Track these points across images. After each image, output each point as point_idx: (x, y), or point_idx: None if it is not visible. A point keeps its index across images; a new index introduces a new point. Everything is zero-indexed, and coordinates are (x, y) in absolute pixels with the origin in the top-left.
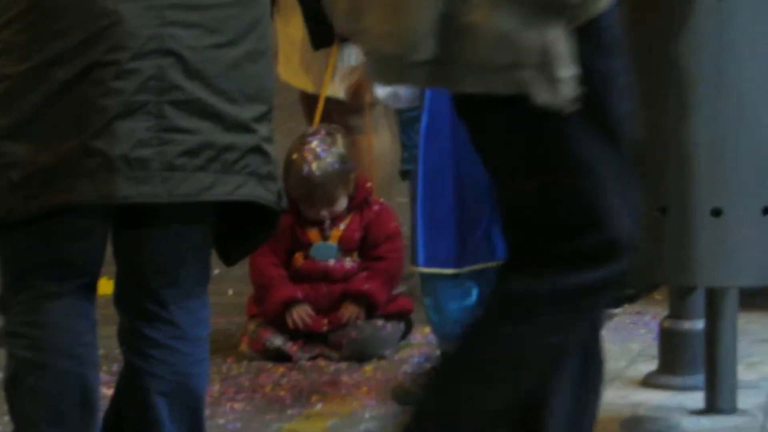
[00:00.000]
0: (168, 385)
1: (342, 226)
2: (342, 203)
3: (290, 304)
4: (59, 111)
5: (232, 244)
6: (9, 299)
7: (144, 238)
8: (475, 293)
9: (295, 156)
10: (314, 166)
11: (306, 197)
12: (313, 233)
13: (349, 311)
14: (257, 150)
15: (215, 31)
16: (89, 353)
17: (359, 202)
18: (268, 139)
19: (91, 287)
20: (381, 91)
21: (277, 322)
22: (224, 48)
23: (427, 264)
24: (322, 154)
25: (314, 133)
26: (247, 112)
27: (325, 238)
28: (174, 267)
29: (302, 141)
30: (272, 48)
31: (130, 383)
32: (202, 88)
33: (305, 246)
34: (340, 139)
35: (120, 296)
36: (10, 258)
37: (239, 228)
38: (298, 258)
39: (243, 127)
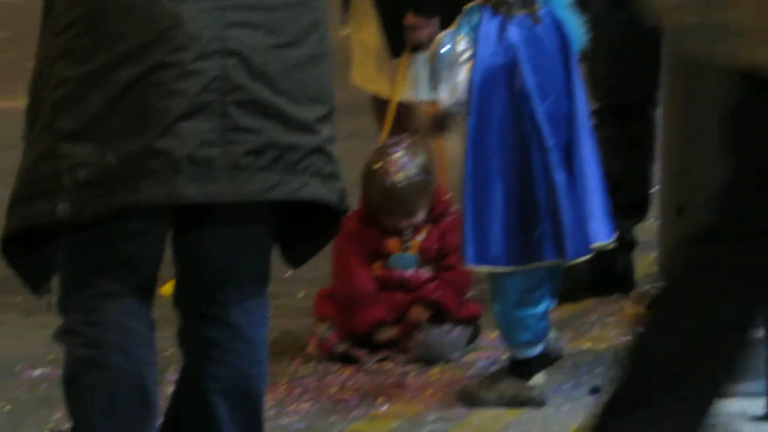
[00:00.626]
0: (227, 385)
1: (420, 237)
2: (422, 214)
3: (379, 326)
4: (122, 112)
5: (296, 246)
6: (68, 298)
7: (203, 239)
8: (546, 302)
9: (377, 166)
10: (397, 177)
11: (386, 208)
12: (392, 243)
13: (416, 312)
14: (320, 150)
15: (276, 32)
16: (146, 352)
17: (438, 214)
18: (331, 140)
19: (149, 288)
20: (447, 99)
21: (344, 328)
22: (286, 49)
23: (476, 262)
24: (405, 165)
25: (397, 144)
26: (309, 113)
27: (404, 248)
28: (233, 268)
29: (385, 151)
30: (333, 51)
31: (189, 384)
32: (266, 88)
33: (384, 256)
34: (422, 149)
35: (179, 297)
36: (72, 258)
37: (303, 230)
38: (377, 267)
39: (306, 128)
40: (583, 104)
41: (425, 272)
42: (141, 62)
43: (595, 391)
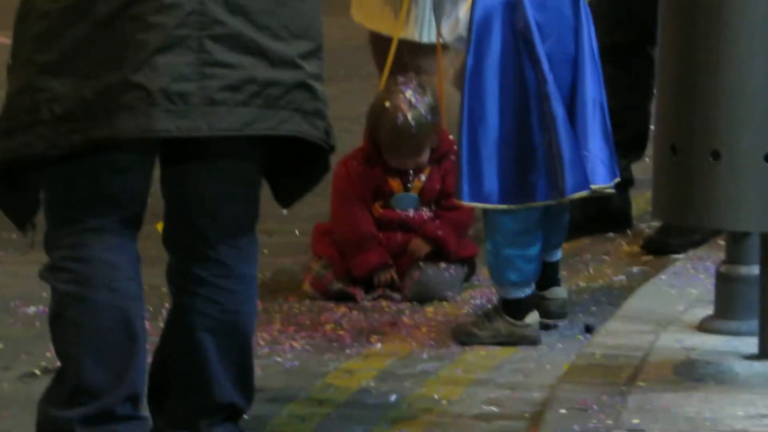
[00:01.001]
0: (215, 322)
1: (423, 177)
2: (427, 154)
3: (379, 268)
4: (100, 46)
5: (284, 185)
6: (53, 235)
7: (188, 175)
8: (538, 245)
9: (388, 104)
10: (410, 116)
11: (395, 146)
12: (395, 183)
13: (416, 245)
14: (303, 86)
15: None
16: (131, 287)
17: (441, 155)
18: (316, 76)
19: (135, 223)
20: (449, 35)
21: (341, 266)
22: None
23: (471, 199)
24: (416, 104)
25: (406, 83)
26: (293, 49)
27: (406, 189)
28: (219, 204)
29: (394, 89)
30: None
31: (177, 321)
32: (245, 23)
33: (386, 195)
34: (428, 89)
35: (167, 235)
36: (53, 195)
37: (291, 168)
38: (377, 207)
39: (288, 63)
40: (590, 47)
41: (426, 212)
42: None
43: (588, 329)
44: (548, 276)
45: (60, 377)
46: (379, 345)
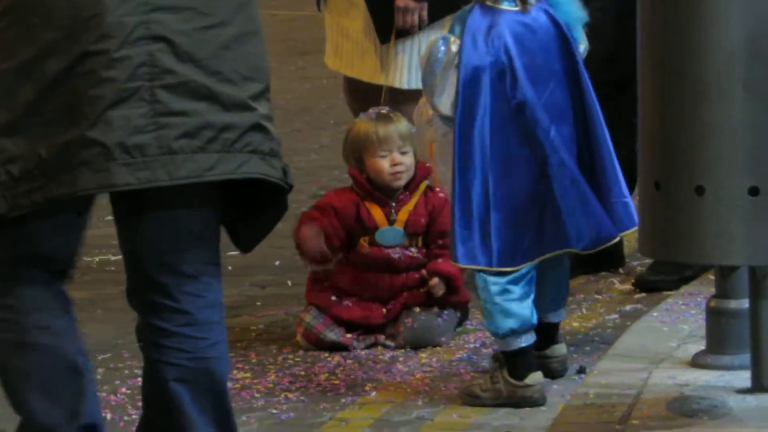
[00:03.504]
0: (185, 370)
1: (408, 209)
2: (409, 160)
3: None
4: (53, 104)
5: (245, 231)
6: None
7: (145, 229)
8: (530, 290)
9: (359, 123)
10: (383, 112)
11: (372, 145)
12: (378, 216)
13: (435, 283)
14: (257, 127)
15: (203, 13)
16: (65, 324)
17: (419, 180)
18: (268, 117)
19: (67, 272)
20: (445, 106)
21: (332, 314)
22: (214, 29)
23: (466, 261)
24: (391, 114)
25: (379, 109)
26: (244, 91)
27: (390, 221)
28: (173, 253)
29: (367, 114)
30: (263, 30)
31: (150, 375)
32: (195, 70)
33: (371, 230)
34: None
35: (129, 290)
36: None
37: (249, 213)
38: (364, 245)
39: (241, 106)
40: (588, 91)
41: (414, 252)
42: (67, 53)
43: (581, 371)
44: (549, 335)
45: (20, 427)
46: (374, 393)
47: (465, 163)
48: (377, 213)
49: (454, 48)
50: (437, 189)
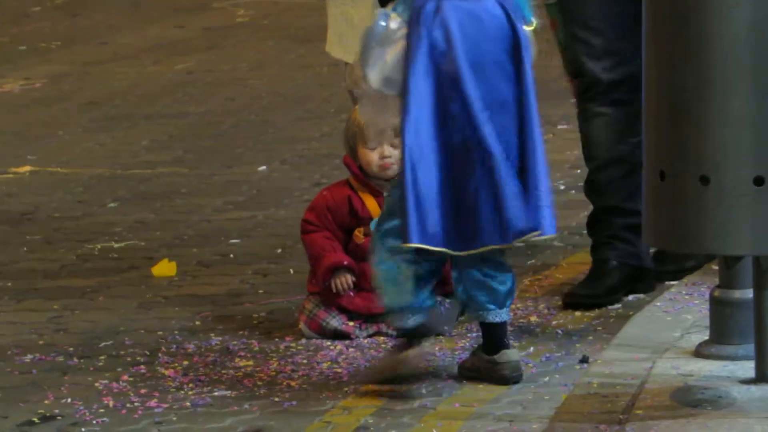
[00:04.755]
0: None
1: None
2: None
3: (335, 270)
4: None
5: None
6: None
7: None
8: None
9: (354, 113)
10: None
11: (363, 136)
12: (372, 205)
13: None
14: None
15: None
16: None
17: None
18: None
19: None
20: (376, 80)
21: (334, 300)
22: None
23: (420, 240)
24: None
25: None
26: None
27: None
28: None
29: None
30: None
31: None
32: None
33: (365, 221)
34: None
35: None
36: None
37: None
38: (359, 235)
39: None
40: (529, 91)
41: None
42: None
43: (584, 360)
44: (493, 338)
45: None
46: None
47: (413, 146)
48: (371, 203)
49: (393, 24)
50: None
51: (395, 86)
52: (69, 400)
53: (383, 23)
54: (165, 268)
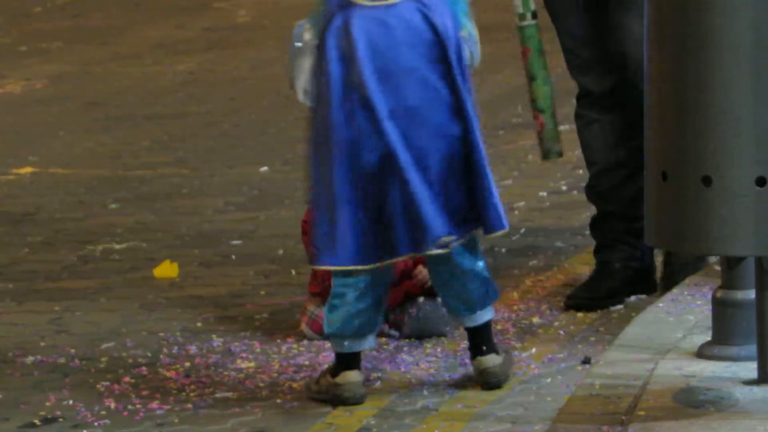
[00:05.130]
0: None
1: None
2: None
3: None
4: None
5: None
6: None
7: None
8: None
9: None
10: None
11: None
12: None
13: (424, 274)
14: None
15: None
16: None
17: None
18: None
19: None
20: (299, 91)
21: None
22: None
23: (330, 263)
24: None
25: None
26: None
27: None
28: None
29: None
30: None
31: None
32: None
33: None
34: None
35: None
36: None
37: None
38: None
39: None
40: (465, 97)
41: None
42: None
43: (586, 361)
44: (473, 342)
45: None
46: (378, 382)
47: (314, 154)
48: None
49: (306, 36)
50: None
51: (311, 98)
52: (70, 401)
53: (298, 34)
54: (167, 270)
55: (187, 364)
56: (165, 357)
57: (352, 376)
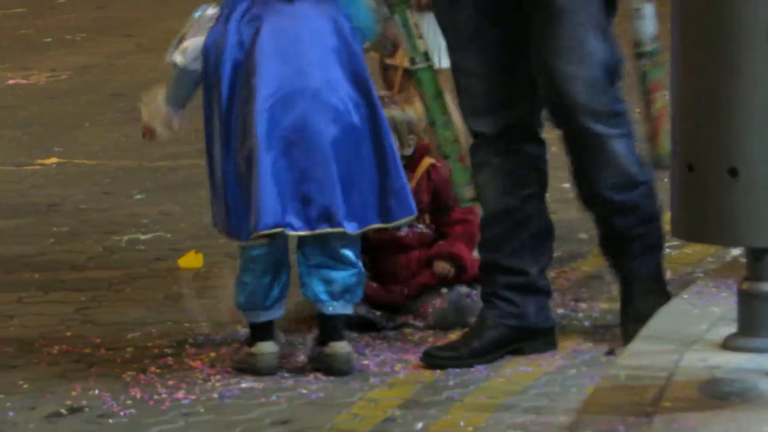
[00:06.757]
0: None
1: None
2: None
3: None
4: None
5: None
6: None
7: None
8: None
9: None
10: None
11: None
12: None
13: (441, 266)
14: None
15: None
16: None
17: (419, 158)
18: None
19: None
20: (178, 59)
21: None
22: None
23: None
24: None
25: (391, 100)
26: None
27: None
28: None
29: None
30: None
31: None
32: None
33: None
34: (417, 106)
35: None
36: None
37: None
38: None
39: None
40: (369, 89)
41: (422, 228)
42: None
43: (611, 352)
44: (325, 329)
45: None
46: (403, 373)
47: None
48: None
49: (209, 11)
50: (440, 165)
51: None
52: (96, 391)
53: (201, 10)
54: (192, 260)
55: (213, 354)
56: (190, 347)
57: (267, 347)
